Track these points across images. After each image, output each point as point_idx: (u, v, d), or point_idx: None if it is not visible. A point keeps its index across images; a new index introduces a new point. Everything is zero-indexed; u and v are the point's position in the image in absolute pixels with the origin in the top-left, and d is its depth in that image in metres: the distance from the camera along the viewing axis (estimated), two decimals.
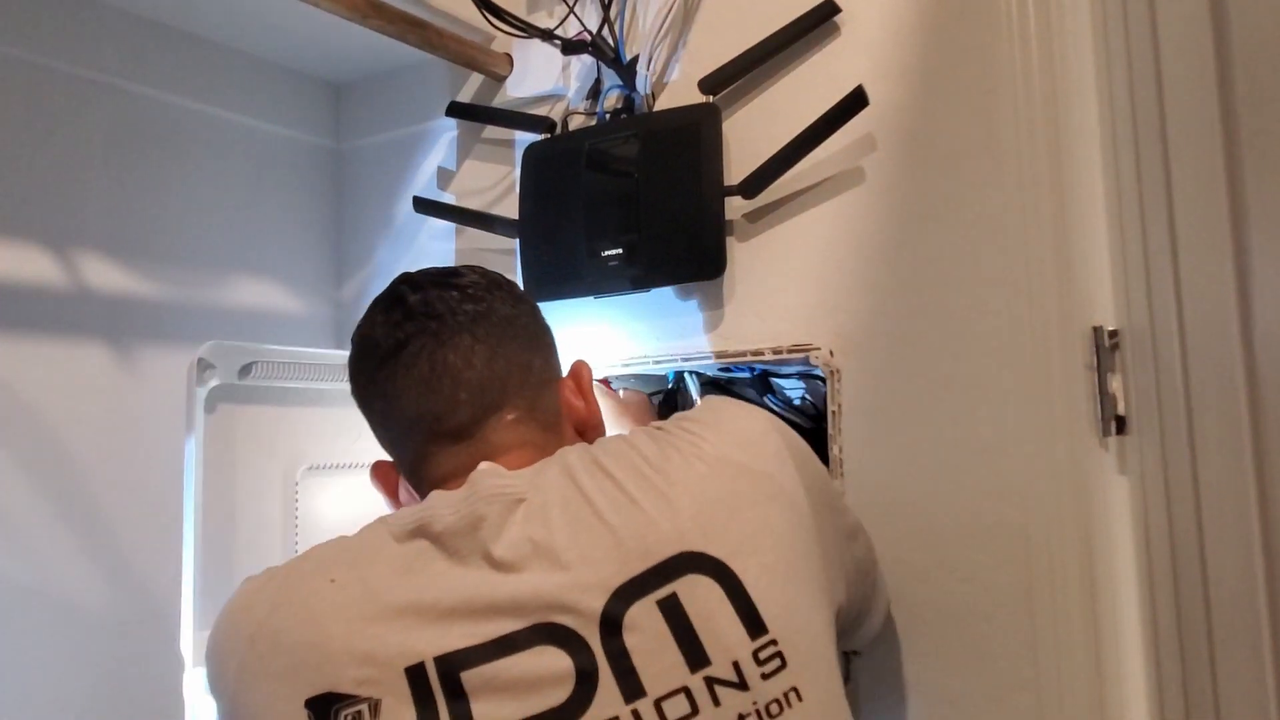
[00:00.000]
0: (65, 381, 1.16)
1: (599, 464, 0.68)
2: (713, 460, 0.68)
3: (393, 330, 0.76)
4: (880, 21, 1.03)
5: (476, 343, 0.75)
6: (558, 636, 0.62)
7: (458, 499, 0.67)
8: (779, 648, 0.63)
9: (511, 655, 0.61)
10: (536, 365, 0.79)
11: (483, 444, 0.74)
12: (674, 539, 0.64)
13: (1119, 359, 0.89)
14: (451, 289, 0.78)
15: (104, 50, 1.25)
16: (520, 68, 1.34)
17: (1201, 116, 0.69)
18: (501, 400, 0.75)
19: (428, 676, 0.61)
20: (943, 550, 0.96)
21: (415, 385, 0.74)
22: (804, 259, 1.07)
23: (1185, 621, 0.77)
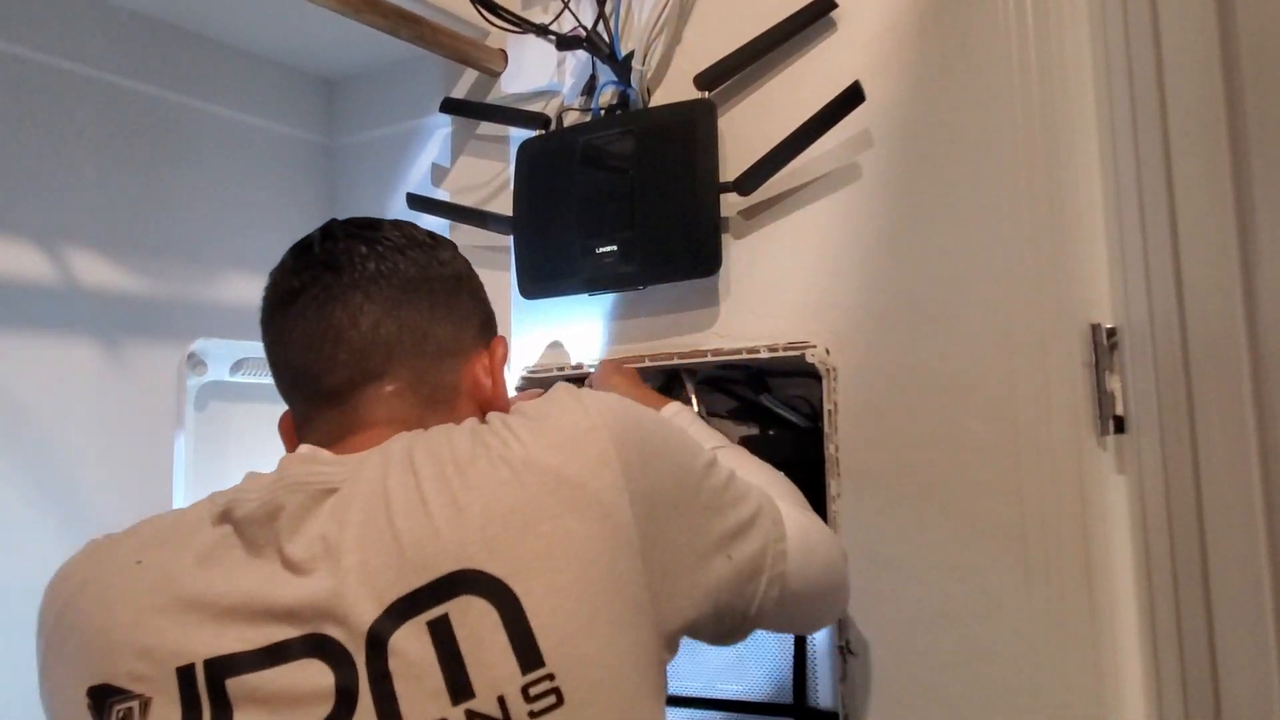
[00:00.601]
0: (55, 377, 1.15)
1: (410, 458, 0.63)
2: (519, 464, 0.61)
3: (292, 277, 0.71)
4: (877, 17, 1.03)
5: (368, 302, 0.70)
6: (326, 650, 0.57)
7: (266, 484, 0.63)
8: (555, 683, 0.57)
9: (279, 666, 0.57)
10: (438, 334, 0.73)
11: (352, 414, 0.70)
12: (454, 553, 0.58)
13: (1117, 357, 0.89)
14: (361, 242, 0.72)
15: (95, 45, 1.24)
16: (515, 63, 1.33)
17: (1205, 106, 0.68)
18: (384, 367, 0.70)
19: (195, 680, 0.57)
20: (939, 550, 0.96)
21: (300, 338, 0.70)
22: (800, 256, 1.06)
23: (1184, 622, 0.76)
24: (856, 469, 1.01)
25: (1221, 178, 0.67)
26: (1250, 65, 0.63)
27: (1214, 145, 0.68)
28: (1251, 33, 0.63)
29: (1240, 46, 0.64)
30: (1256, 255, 0.64)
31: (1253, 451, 0.65)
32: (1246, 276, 0.65)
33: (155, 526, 0.67)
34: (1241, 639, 0.67)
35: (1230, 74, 0.66)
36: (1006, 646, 0.92)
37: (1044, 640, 0.90)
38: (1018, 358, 0.93)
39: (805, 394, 1.15)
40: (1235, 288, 0.66)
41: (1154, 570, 0.84)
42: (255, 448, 1.12)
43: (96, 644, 0.60)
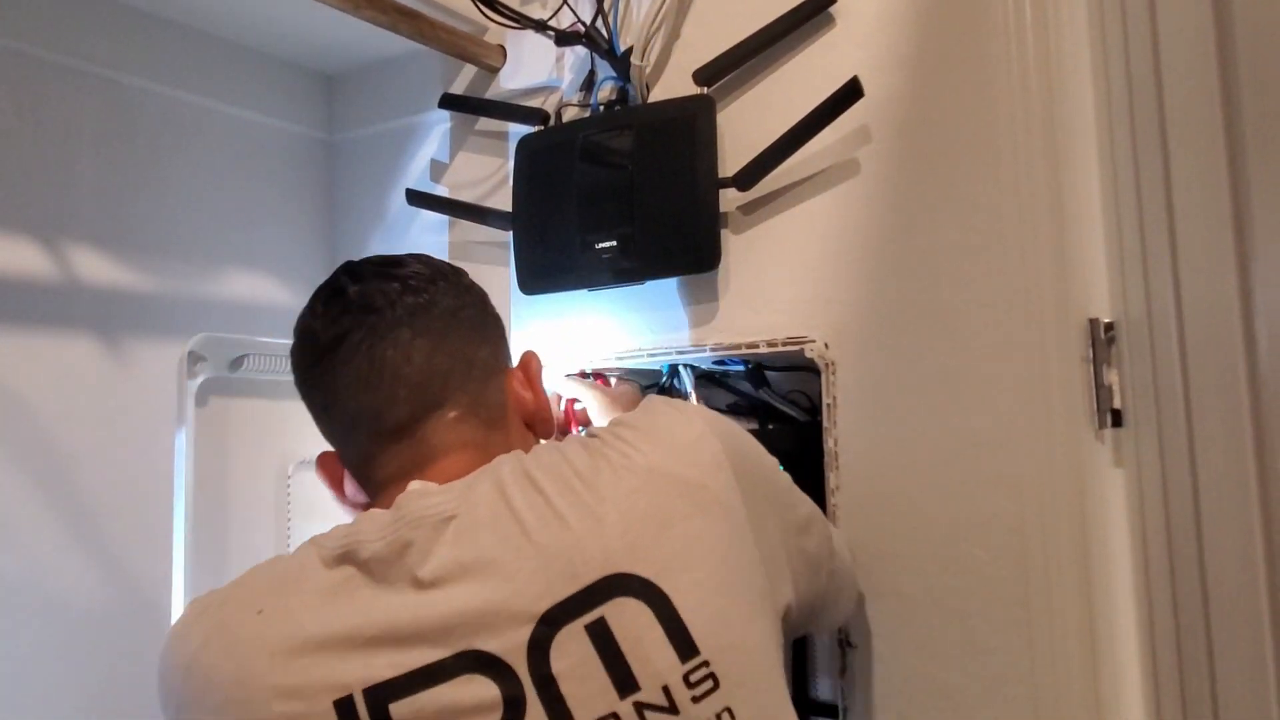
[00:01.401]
0: (55, 374, 1.15)
1: (530, 477, 0.66)
2: (644, 472, 0.66)
3: (330, 324, 0.74)
4: (875, 13, 1.03)
5: (416, 337, 0.73)
6: (484, 664, 0.60)
7: (385, 522, 0.66)
8: (710, 669, 0.62)
9: (439, 685, 0.60)
10: (481, 358, 0.77)
11: (422, 444, 0.73)
12: (601, 560, 0.62)
13: (1115, 351, 0.89)
14: (393, 280, 0.75)
15: (94, 41, 1.24)
16: (514, 59, 1.33)
17: (1202, 102, 0.68)
18: (443, 396, 0.73)
19: (356, 710, 0.59)
20: (937, 543, 0.96)
21: (354, 382, 0.72)
22: (799, 251, 1.06)
23: (1182, 615, 0.77)
24: (855, 462, 1.01)
25: (1218, 173, 0.67)
26: (1247, 62, 0.63)
27: (1210, 141, 0.68)
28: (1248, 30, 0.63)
29: (1237, 42, 0.64)
30: (1252, 251, 0.64)
31: (1248, 445, 0.65)
32: (1242, 272, 0.65)
33: (262, 578, 0.68)
34: (1237, 631, 0.67)
35: (1227, 71, 0.66)
36: (1004, 639, 0.92)
37: (1041, 633, 0.90)
38: (1016, 352, 0.93)
39: (804, 388, 1.15)
40: (1231, 283, 0.66)
41: (1151, 563, 0.84)
42: (255, 443, 1.12)
43: (237, 695, 0.61)
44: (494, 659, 0.60)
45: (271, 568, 0.69)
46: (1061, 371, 0.91)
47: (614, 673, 0.60)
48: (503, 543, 0.63)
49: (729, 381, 1.20)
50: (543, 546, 0.62)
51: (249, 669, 0.61)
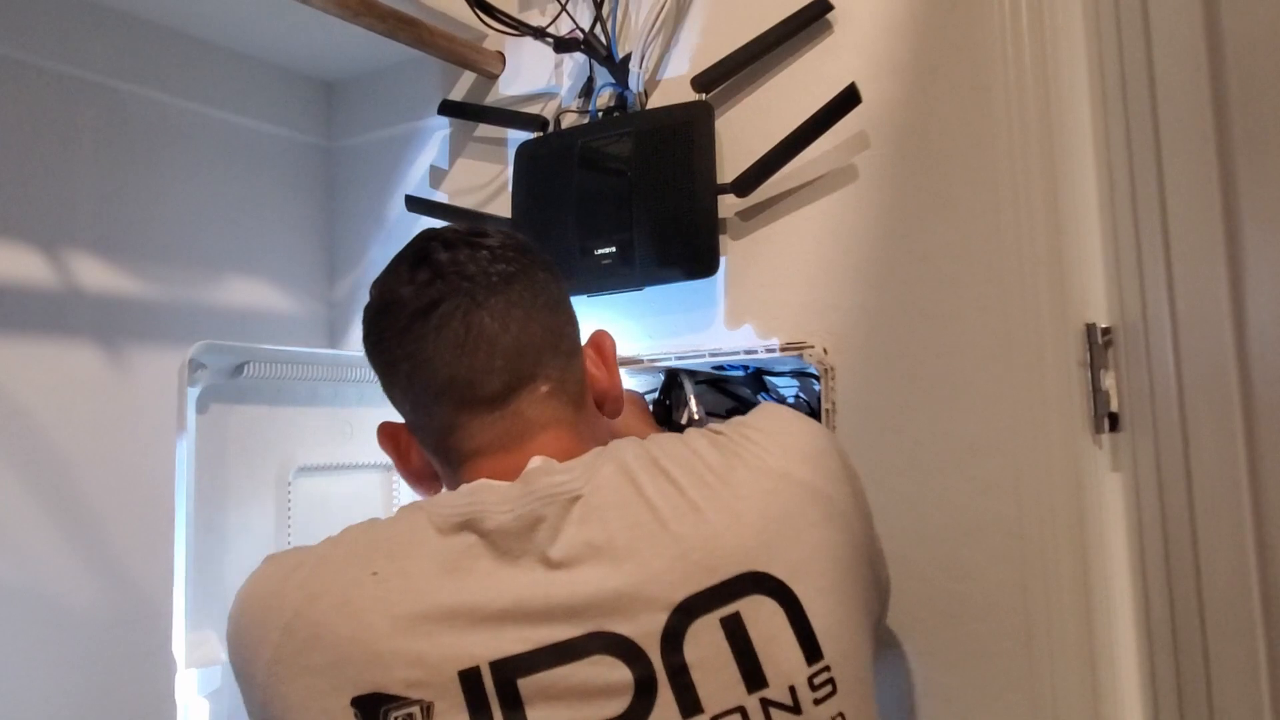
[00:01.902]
0: (56, 381, 1.15)
1: (658, 465, 0.66)
2: (778, 475, 0.67)
3: (423, 289, 0.72)
4: (872, 19, 1.03)
5: (512, 306, 0.72)
6: (617, 647, 0.60)
7: (513, 496, 0.65)
8: (831, 674, 0.63)
9: (570, 663, 0.60)
10: (567, 333, 0.77)
11: (516, 417, 0.71)
12: (739, 556, 0.63)
13: (1112, 356, 0.89)
14: (482, 249, 0.74)
15: (94, 48, 1.25)
16: (512, 66, 1.34)
17: (1194, 112, 0.69)
18: (536, 369, 0.72)
19: (482, 682, 0.59)
20: (936, 548, 0.96)
21: (448, 348, 0.70)
22: (797, 257, 1.07)
23: (1179, 618, 0.77)
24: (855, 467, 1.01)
25: (1209, 181, 0.68)
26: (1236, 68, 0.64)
27: (1202, 149, 0.68)
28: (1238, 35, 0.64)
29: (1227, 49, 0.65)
30: (1243, 257, 0.65)
31: (1240, 449, 0.65)
32: (1234, 278, 0.66)
33: (365, 537, 0.67)
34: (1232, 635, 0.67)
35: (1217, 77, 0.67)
36: (1003, 643, 0.92)
37: (1040, 637, 0.90)
38: (1014, 356, 0.94)
39: (803, 393, 1.15)
40: (1223, 289, 0.67)
41: (1148, 567, 0.84)
42: (256, 450, 1.12)
43: (356, 655, 0.60)
44: (628, 642, 0.60)
45: (375, 530, 0.68)
46: (1059, 376, 0.91)
47: (744, 667, 0.61)
48: (635, 528, 0.63)
49: (729, 386, 1.20)
50: (680, 536, 0.63)
51: (371, 631, 0.60)
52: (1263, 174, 0.62)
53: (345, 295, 1.53)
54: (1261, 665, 0.63)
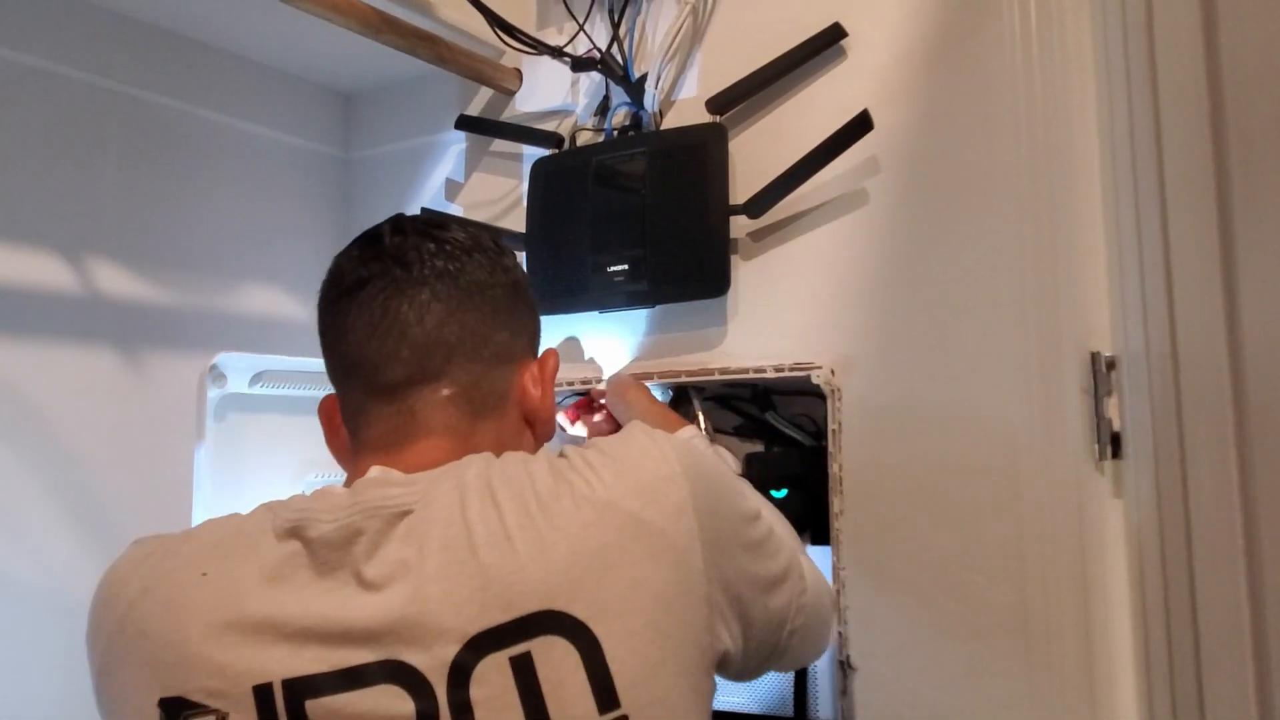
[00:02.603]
0: (76, 387, 1.17)
1: (490, 487, 0.64)
2: (602, 506, 0.63)
3: (359, 266, 0.72)
4: (886, 46, 1.05)
5: (434, 300, 0.71)
6: (404, 677, 0.59)
7: (341, 505, 0.64)
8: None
9: (357, 690, 0.59)
10: (496, 340, 0.75)
11: (409, 415, 0.70)
12: (540, 592, 0.59)
13: (1115, 384, 0.91)
14: (430, 240, 0.73)
15: (118, 59, 1.27)
16: (529, 83, 1.36)
17: (1195, 147, 0.70)
18: (442, 368, 0.71)
19: (274, 699, 0.58)
20: (939, 568, 0.98)
21: (363, 327, 0.71)
22: (807, 278, 1.08)
23: (1175, 644, 0.78)
24: (859, 488, 1.03)
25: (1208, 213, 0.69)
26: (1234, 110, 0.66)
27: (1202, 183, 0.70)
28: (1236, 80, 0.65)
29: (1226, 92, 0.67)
30: (1238, 288, 0.66)
31: (1234, 475, 0.67)
32: (1230, 308, 0.67)
33: (213, 534, 0.67)
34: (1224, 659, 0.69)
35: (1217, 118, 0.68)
36: (1003, 664, 0.94)
37: (1040, 658, 0.92)
38: (1018, 382, 0.95)
39: (809, 413, 1.17)
40: (1219, 319, 0.68)
41: (1147, 592, 0.86)
42: (272, 458, 1.14)
43: (167, 657, 0.61)
44: (415, 673, 0.58)
45: (222, 527, 0.67)
46: (1062, 402, 0.93)
47: (530, 711, 0.58)
48: (446, 552, 0.61)
49: (736, 404, 1.22)
50: (485, 566, 0.60)
51: (185, 633, 0.61)
52: (1258, 207, 0.64)
53: None
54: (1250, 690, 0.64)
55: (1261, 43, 0.64)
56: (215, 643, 0.60)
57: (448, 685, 0.58)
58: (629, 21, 1.22)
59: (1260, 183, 0.63)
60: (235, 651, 0.60)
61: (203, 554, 0.65)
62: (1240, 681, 0.65)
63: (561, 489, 0.64)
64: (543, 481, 0.64)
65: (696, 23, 1.19)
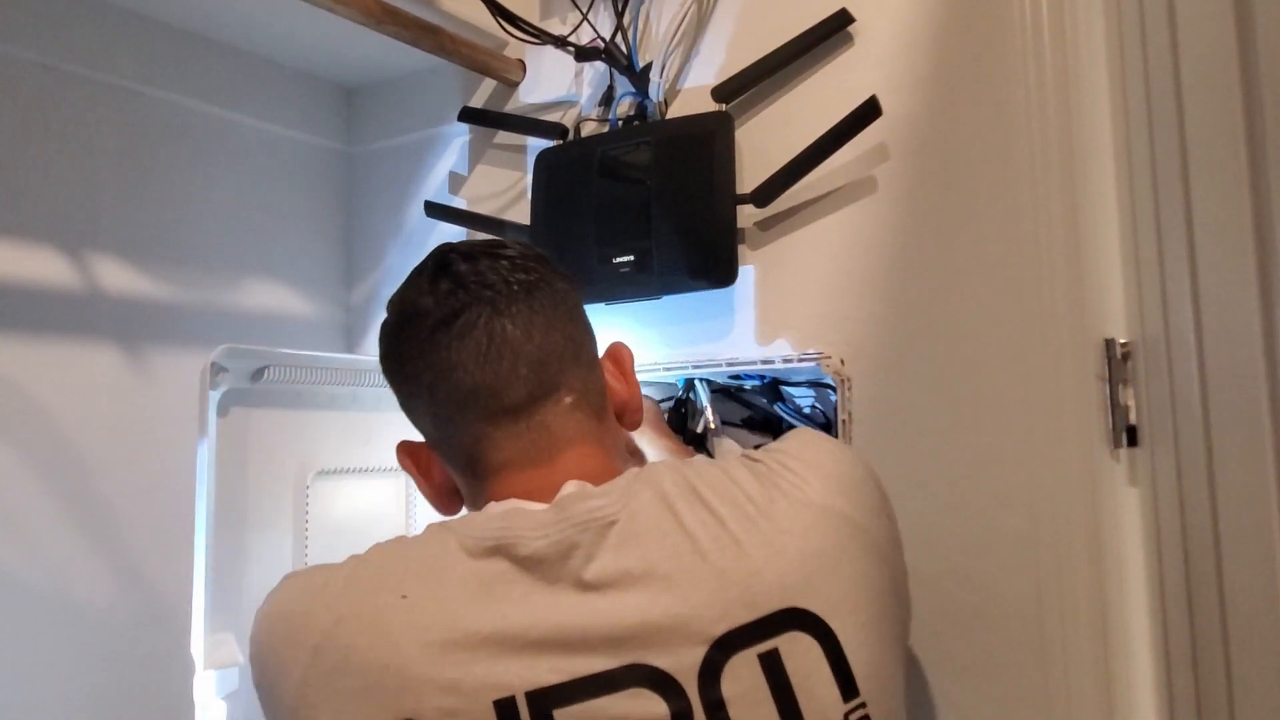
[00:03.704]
0: (77, 383, 1.16)
1: (697, 493, 0.66)
2: (819, 508, 0.66)
3: (445, 299, 0.71)
4: (893, 32, 1.04)
5: (534, 314, 0.72)
6: (654, 680, 0.60)
7: (548, 522, 0.64)
8: (868, 710, 0.62)
9: (608, 695, 0.59)
10: (586, 344, 0.77)
11: (542, 430, 0.71)
12: (780, 592, 0.62)
13: (1131, 371, 0.89)
14: (501, 259, 0.73)
15: (117, 53, 1.26)
16: (533, 74, 1.34)
17: (1223, 120, 0.69)
18: (559, 378, 0.72)
19: (518, 712, 0.58)
20: (952, 560, 0.96)
21: (471, 357, 0.70)
22: (815, 268, 1.07)
23: (1199, 635, 0.77)
24: None
25: (1239, 189, 0.68)
26: (1269, 74, 0.64)
27: (1232, 156, 0.68)
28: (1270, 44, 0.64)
29: (1259, 57, 0.65)
30: (1274, 268, 0.65)
31: (1270, 465, 0.65)
32: (1264, 290, 0.66)
33: (394, 559, 0.66)
34: (1256, 653, 0.67)
35: (1249, 83, 0.66)
36: (1017, 656, 0.92)
37: (1055, 651, 0.90)
38: (1031, 370, 0.94)
39: (819, 404, 1.16)
40: (1253, 301, 0.67)
41: (1167, 582, 0.84)
42: (275, 454, 1.13)
43: (388, 682, 0.59)
44: (665, 676, 0.60)
45: (403, 551, 0.67)
46: (1077, 390, 0.91)
47: (781, 704, 0.61)
48: (675, 558, 0.62)
49: (744, 396, 1.21)
50: (720, 570, 0.62)
51: (403, 656, 0.60)
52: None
53: (363, 300, 1.54)
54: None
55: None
56: (441, 661, 0.59)
57: (699, 685, 0.60)
58: (633, 10, 1.21)
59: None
60: (466, 668, 0.59)
61: (393, 577, 0.64)
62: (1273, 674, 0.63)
63: (773, 493, 0.66)
64: (750, 486, 0.67)
65: (701, 10, 1.18)
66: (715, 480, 0.67)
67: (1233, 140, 0.67)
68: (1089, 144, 0.92)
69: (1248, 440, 0.67)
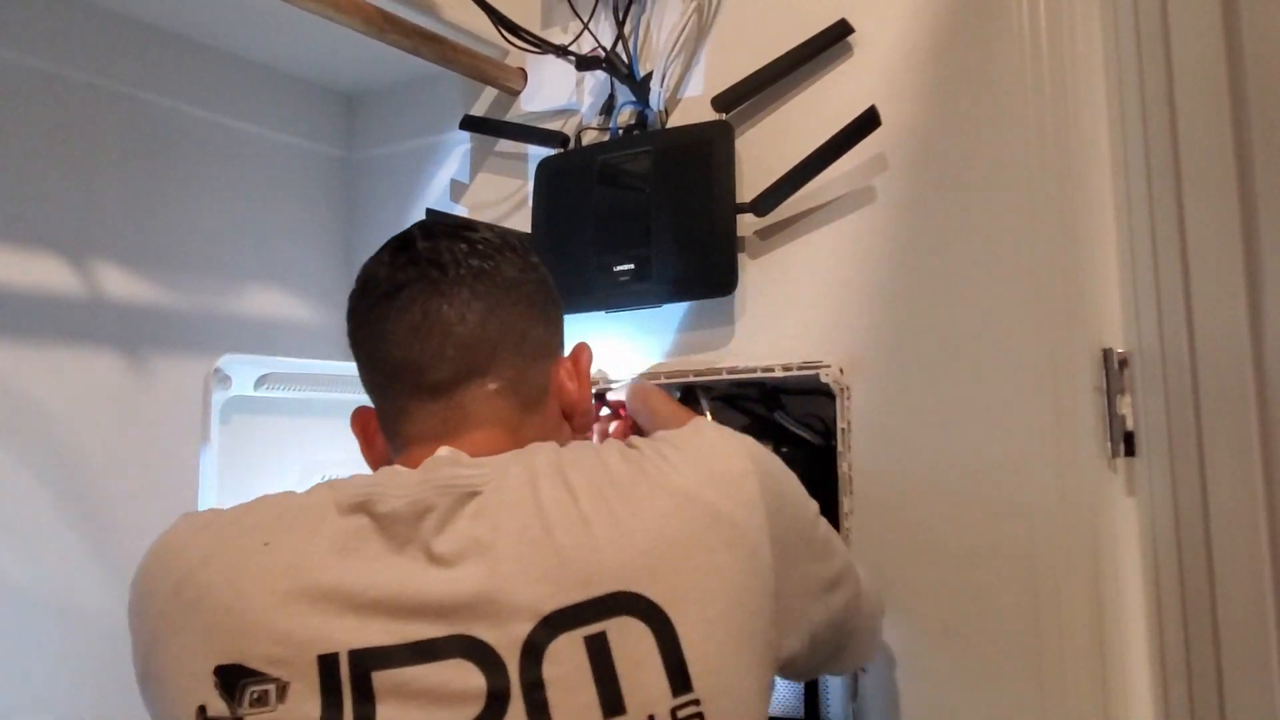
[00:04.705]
0: (80, 390, 1.17)
1: (563, 474, 0.65)
2: (681, 495, 0.64)
3: (395, 272, 0.73)
4: (893, 42, 1.04)
5: (474, 299, 0.72)
6: (477, 652, 0.59)
7: (410, 482, 0.65)
8: (700, 709, 0.60)
9: (428, 663, 0.59)
10: (534, 335, 0.76)
11: (458, 409, 0.71)
12: (617, 574, 0.60)
13: (1128, 381, 0.90)
14: (461, 241, 0.74)
15: (119, 60, 1.26)
16: (534, 82, 1.35)
17: (1214, 137, 0.69)
18: (488, 364, 0.72)
19: (339, 669, 0.58)
20: (949, 569, 0.97)
21: (404, 330, 0.71)
22: (815, 277, 1.07)
23: (1193, 644, 0.77)
24: (869, 487, 1.02)
25: (1229, 203, 0.68)
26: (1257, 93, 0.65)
27: (1222, 172, 0.69)
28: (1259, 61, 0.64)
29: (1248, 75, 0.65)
30: (1262, 282, 0.65)
31: (1258, 475, 0.66)
32: (1253, 303, 0.66)
33: (274, 508, 0.67)
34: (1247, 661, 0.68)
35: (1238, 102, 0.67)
36: (1014, 666, 0.93)
37: (1052, 660, 0.91)
38: (1029, 380, 0.94)
39: (819, 412, 1.16)
40: (1242, 315, 0.67)
41: (1162, 592, 0.85)
42: (277, 461, 1.13)
43: (227, 623, 0.60)
44: (487, 649, 0.59)
45: (283, 501, 0.68)
46: (1074, 400, 0.92)
47: (603, 690, 0.59)
48: (521, 532, 0.62)
49: (744, 404, 1.21)
50: (561, 546, 0.61)
51: (247, 600, 0.60)
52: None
53: None
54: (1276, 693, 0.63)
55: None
56: (280, 611, 0.60)
57: (521, 662, 0.59)
58: (634, 19, 1.22)
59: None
60: (301, 620, 0.59)
61: (266, 525, 0.65)
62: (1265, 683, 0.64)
63: (637, 476, 0.65)
64: (617, 468, 0.65)
65: (701, 20, 1.18)
66: (584, 461, 0.66)
67: (1223, 155, 0.68)
68: (1086, 156, 0.93)
69: (1237, 451, 0.68)
